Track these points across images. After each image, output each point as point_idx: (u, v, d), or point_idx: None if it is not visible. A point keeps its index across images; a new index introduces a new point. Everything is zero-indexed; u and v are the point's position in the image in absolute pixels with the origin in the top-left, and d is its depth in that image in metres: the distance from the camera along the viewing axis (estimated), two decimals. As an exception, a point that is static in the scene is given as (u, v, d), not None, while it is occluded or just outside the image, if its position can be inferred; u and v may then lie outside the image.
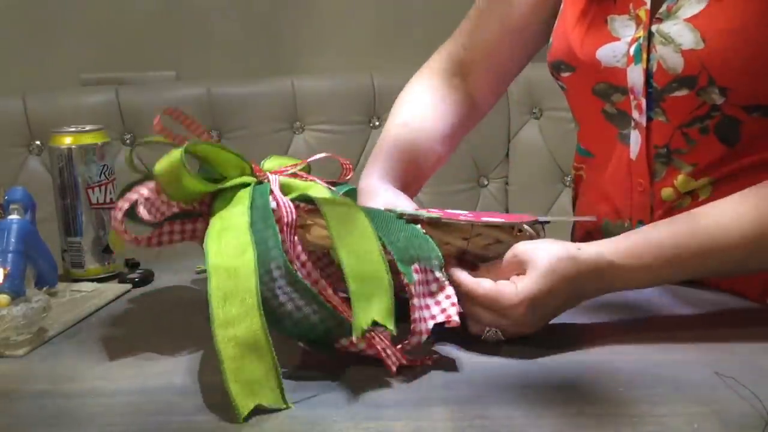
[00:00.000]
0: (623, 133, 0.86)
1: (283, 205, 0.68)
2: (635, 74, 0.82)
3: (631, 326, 0.73)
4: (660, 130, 0.82)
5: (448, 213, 0.73)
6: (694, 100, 0.79)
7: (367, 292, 0.62)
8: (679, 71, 0.78)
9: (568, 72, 0.89)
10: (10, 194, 0.83)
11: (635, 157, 0.85)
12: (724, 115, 0.78)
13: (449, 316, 0.65)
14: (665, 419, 0.55)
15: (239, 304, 0.60)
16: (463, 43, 1.00)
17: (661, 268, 0.71)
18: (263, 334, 0.59)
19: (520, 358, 0.66)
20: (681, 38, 0.78)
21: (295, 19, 1.92)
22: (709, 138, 0.80)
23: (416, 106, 0.99)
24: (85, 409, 0.60)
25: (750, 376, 0.60)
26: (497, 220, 0.72)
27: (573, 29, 0.87)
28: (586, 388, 0.61)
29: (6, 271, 0.76)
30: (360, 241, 0.65)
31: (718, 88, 0.77)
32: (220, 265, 0.62)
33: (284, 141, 1.83)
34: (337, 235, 0.65)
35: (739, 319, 0.76)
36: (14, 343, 0.71)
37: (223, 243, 0.64)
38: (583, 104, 0.91)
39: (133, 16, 1.88)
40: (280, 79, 1.84)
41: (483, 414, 0.57)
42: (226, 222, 0.67)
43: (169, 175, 0.68)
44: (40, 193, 0.90)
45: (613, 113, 0.86)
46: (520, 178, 1.85)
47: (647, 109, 0.82)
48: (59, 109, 1.74)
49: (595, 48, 0.85)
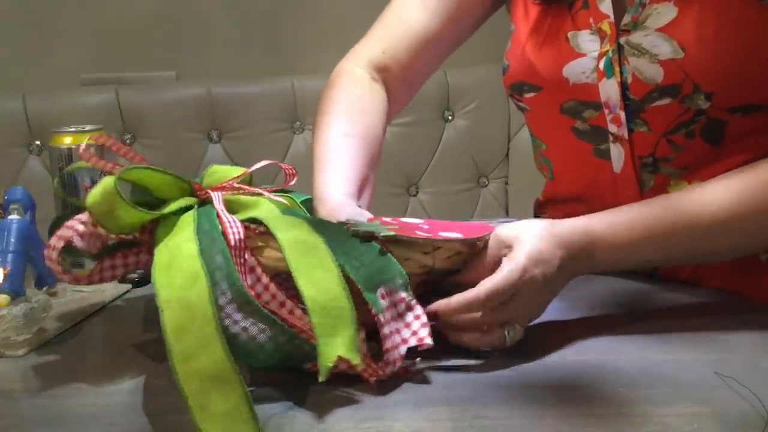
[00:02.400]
0: (599, 149, 0.85)
1: (229, 226, 0.63)
2: (609, 88, 0.80)
3: (631, 326, 0.73)
4: (643, 141, 0.81)
5: (403, 224, 0.70)
6: (677, 108, 0.78)
7: (329, 324, 0.59)
8: (658, 81, 0.77)
9: (533, 93, 0.86)
10: (10, 194, 0.83)
11: (619, 170, 0.84)
12: (708, 118, 0.78)
13: (421, 339, 0.62)
14: (666, 419, 0.55)
15: (197, 335, 0.56)
16: (383, 49, 0.96)
17: (641, 240, 0.72)
18: (228, 363, 0.55)
19: (520, 358, 0.66)
20: (656, 48, 0.77)
21: (295, 19, 1.92)
22: (695, 142, 0.79)
23: (355, 114, 0.91)
24: (85, 409, 0.60)
25: (750, 376, 0.60)
26: (455, 235, 0.68)
27: (531, 49, 0.86)
28: (586, 388, 0.61)
29: (6, 271, 0.76)
30: (319, 270, 0.61)
31: (704, 93, 0.76)
32: (171, 297, 0.58)
33: (284, 141, 1.83)
34: (295, 265, 0.61)
35: (739, 319, 0.75)
36: (14, 343, 0.71)
37: (172, 274, 0.59)
38: (550, 124, 0.89)
39: (133, 16, 1.89)
40: (280, 79, 1.84)
41: (483, 414, 0.57)
42: (173, 251, 0.62)
43: (103, 207, 0.63)
44: (40, 193, 0.90)
45: (585, 129, 0.85)
46: (520, 178, 1.85)
47: (627, 121, 0.81)
48: (59, 109, 1.74)
49: (560, 65, 0.83)
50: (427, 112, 1.83)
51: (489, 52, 1.92)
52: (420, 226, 0.70)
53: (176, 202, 0.67)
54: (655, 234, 0.72)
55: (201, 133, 1.81)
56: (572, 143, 0.86)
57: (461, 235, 0.68)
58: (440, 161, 1.85)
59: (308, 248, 0.63)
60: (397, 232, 0.66)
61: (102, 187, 0.63)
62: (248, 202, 0.70)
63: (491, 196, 1.87)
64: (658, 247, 0.73)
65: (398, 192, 1.83)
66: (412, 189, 1.87)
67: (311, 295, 0.59)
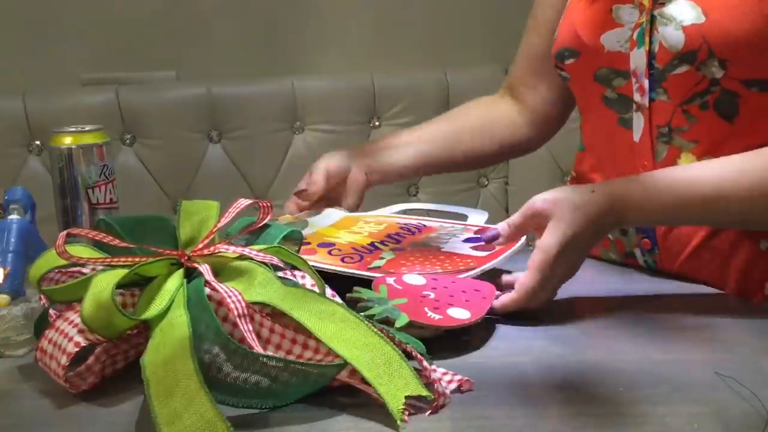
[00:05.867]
0: (623, 118, 0.89)
1: (227, 296, 0.60)
2: (638, 57, 0.85)
3: (631, 326, 0.73)
4: (662, 110, 0.85)
5: (410, 289, 0.71)
6: (694, 76, 0.81)
7: (383, 374, 0.57)
8: (680, 48, 0.81)
9: (572, 59, 0.92)
10: (10, 194, 0.83)
11: (638, 139, 0.87)
12: (722, 89, 0.81)
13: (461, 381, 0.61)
14: (666, 419, 0.55)
15: (182, 394, 0.53)
16: (512, 69, 1.12)
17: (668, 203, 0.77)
18: (214, 415, 0.52)
19: (520, 358, 0.66)
20: (682, 15, 0.81)
21: (295, 20, 1.92)
22: (709, 113, 0.82)
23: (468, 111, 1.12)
24: (85, 409, 0.60)
25: (750, 376, 0.60)
26: (465, 315, 0.69)
27: (578, 19, 0.91)
28: (587, 388, 0.61)
29: (6, 271, 0.76)
30: (351, 331, 0.60)
31: (717, 60, 0.79)
32: (155, 362, 0.56)
33: (284, 141, 1.83)
34: (323, 334, 0.59)
35: (739, 319, 0.76)
36: (14, 343, 0.71)
37: (161, 348, 0.57)
38: (584, 92, 0.94)
39: (133, 16, 1.89)
40: (280, 79, 1.84)
41: (483, 414, 0.57)
42: (167, 335, 0.58)
43: (99, 321, 0.60)
44: (40, 193, 0.89)
45: (613, 98, 0.89)
46: (520, 178, 1.85)
47: (649, 90, 0.85)
48: (59, 109, 1.74)
49: (599, 33, 0.88)
50: (427, 112, 1.82)
51: (489, 52, 1.93)
52: (425, 294, 0.71)
53: (166, 285, 0.64)
54: (690, 199, 0.77)
55: (201, 133, 1.81)
56: (601, 112, 0.92)
57: (470, 314, 0.69)
58: (440, 161, 1.84)
59: (327, 315, 0.61)
60: (411, 317, 0.67)
61: (96, 299, 0.60)
62: (239, 269, 0.66)
63: (491, 196, 1.87)
64: (690, 212, 0.78)
65: (398, 192, 1.83)
66: (411, 189, 1.87)
67: (353, 355, 0.58)
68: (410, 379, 0.57)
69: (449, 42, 1.94)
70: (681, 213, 0.78)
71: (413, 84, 1.84)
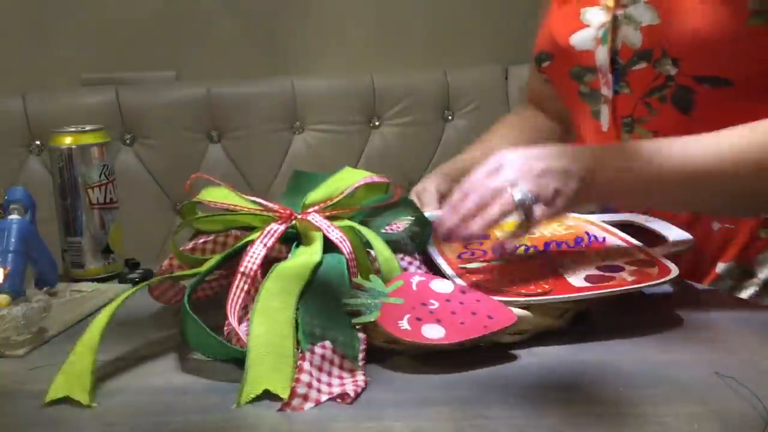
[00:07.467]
0: (595, 110, 0.96)
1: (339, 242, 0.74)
2: (601, 54, 0.92)
3: (632, 326, 0.73)
4: (625, 102, 0.92)
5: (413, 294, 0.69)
6: (651, 72, 0.88)
7: (264, 356, 0.62)
8: (638, 46, 0.88)
9: (548, 61, 0.99)
10: (10, 194, 0.83)
11: (606, 129, 0.95)
12: (678, 85, 0.87)
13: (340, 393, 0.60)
14: (666, 419, 0.55)
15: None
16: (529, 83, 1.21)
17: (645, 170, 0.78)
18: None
19: (520, 358, 0.66)
20: (641, 17, 0.87)
21: (295, 20, 1.92)
22: (668, 106, 0.88)
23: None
24: (85, 410, 0.60)
25: (750, 376, 0.60)
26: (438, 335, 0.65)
27: (553, 25, 0.98)
28: (587, 388, 0.61)
29: (6, 271, 0.76)
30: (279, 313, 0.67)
31: (670, 59, 0.85)
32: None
33: (284, 141, 1.83)
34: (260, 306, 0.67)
35: (739, 319, 0.76)
36: (14, 343, 0.71)
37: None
38: (564, 89, 1.01)
39: (133, 16, 1.89)
40: (280, 79, 1.84)
41: (483, 414, 0.57)
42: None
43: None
44: (40, 193, 0.90)
45: (587, 92, 0.97)
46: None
47: (614, 84, 0.92)
48: (59, 109, 1.74)
49: (569, 35, 0.95)
50: (427, 112, 1.83)
51: (489, 52, 1.93)
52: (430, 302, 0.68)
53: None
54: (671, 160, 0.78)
55: (201, 133, 1.81)
56: (579, 106, 0.99)
57: (444, 335, 0.65)
58: (440, 161, 1.83)
59: (280, 296, 0.67)
60: (382, 322, 0.66)
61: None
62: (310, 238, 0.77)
63: (491, 196, 1.87)
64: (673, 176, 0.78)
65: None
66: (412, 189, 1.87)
67: (258, 332, 0.63)
68: (281, 380, 0.60)
69: (449, 42, 1.94)
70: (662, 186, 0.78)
71: (413, 84, 1.84)
